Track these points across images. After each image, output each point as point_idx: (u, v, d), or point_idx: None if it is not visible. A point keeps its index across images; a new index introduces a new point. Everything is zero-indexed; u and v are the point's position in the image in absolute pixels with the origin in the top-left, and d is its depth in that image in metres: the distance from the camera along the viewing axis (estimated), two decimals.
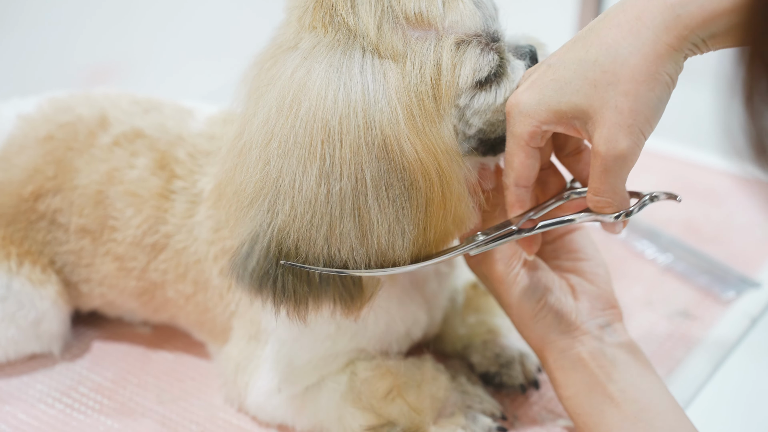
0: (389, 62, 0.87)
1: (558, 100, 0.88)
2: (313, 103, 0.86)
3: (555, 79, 0.88)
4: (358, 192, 0.86)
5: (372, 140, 0.85)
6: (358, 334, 1.05)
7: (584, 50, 0.87)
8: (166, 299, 1.14)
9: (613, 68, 0.85)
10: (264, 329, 1.07)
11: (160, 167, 1.11)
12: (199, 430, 1.09)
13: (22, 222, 1.13)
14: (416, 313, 1.07)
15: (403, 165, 0.86)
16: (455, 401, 1.04)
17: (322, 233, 0.87)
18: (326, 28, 0.88)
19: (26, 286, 1.13)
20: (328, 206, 0.86)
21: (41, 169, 1.13)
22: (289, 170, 0.86)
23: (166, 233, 1.10)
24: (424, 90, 0.87)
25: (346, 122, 0.85)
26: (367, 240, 0.87)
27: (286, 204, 0.87)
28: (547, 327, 0.98)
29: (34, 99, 1.19)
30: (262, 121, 0.88)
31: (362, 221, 0.87)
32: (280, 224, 0.87)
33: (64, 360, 1.21)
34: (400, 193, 0.87)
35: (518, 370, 1.11)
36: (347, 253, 0.88)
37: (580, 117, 0.88)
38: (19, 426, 1.10)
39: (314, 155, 0.85)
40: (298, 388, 1.05)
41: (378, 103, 0.86)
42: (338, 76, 0.86)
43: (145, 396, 1.15)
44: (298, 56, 0.88)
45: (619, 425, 0.93)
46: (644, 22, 0.84)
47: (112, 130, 1.14)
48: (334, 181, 0.85)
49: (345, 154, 0.85)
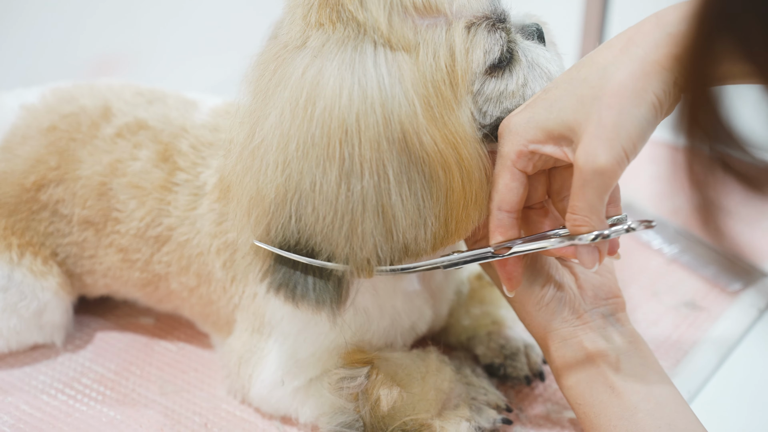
0: (402, 54, 0.86)
1: (546, 117, 0.88)
2: (328, 103, 0.84)
3: (545, 98, 0.88)
4: (380, 189, 0.85)
5: (392, 135, 0.84)
6: (362, 328, 1.04)
7: (576, 71, 0.87)
8: (169, 291, 1.13)
9: (599, 83, 0.84)
10: (267, 322, 1.06)
11: (163, 159, 1.10)
12: (201, 422, 1.09)
13: (24, 212, 1.13)
14: (422, 308, 1.07)
15: (423, 158, 0.85)
16: (460, 393, 1.03)
17: (343, 233, 0.86)
18: (334, 24, 0.87)
19: (28, 277, 1.13)
20: (349, 206, 0.85)
21: (44, 159, 1.12)
22: (309, 172, 0.85)
23: (169, 225, 1.10)
24: (440, 78, 0.87)
25: (363, 119, 0.84)
26: (391, 236, 0.87)
27: (308, 207, 0.86)
28: (549, 314, 0.98)
29: (38, 89, 1.19)
30: (276, 122, 0.87)
31: (386, 218, 0.86)
32: (302, 227, 0.87)
33: (66, 351, 1.20)
34: (421, 186, 0.86)
35: (523, 362, 1.10)
36: (370, 251, 0.87)
37: (566, 135, 0.87)
38: (22, 417, 1.10)
39: (333, 156, 0.84)
40: (301, 381, 1.04)
41: (395, 97, 0.85)
42: (351, 72, 0.85)
43: (148, 387, 1.14)
44: (308, 55, 0.87)
45: (619, 414, 0.93)
46: (635, 41, 0.84)
47: (116, 121, 1.13)
48: (355, 180, 0.84)
49: (365, 151, 0.84)
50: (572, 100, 0.86)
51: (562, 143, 0.87)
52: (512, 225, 0.92)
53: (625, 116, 0.82)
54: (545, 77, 0.93)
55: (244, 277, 1.07)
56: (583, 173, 0.84)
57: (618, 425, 0.93)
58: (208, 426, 1.08)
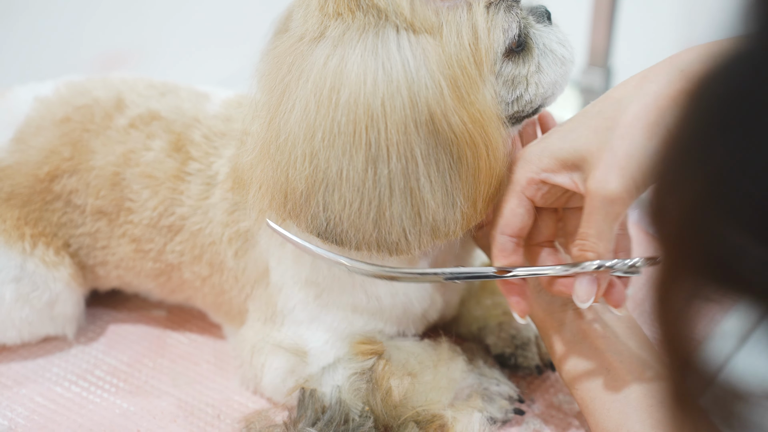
0: (425, 36, 0.86)
1: (560, 147, 0.89)
2: (353, 89, 0.85)
3: (560, 130, 0.91)
4: (408, 172, 0.85)
5: (419, 117, 0.85)
6: (375, 315, 1.04)
7: (591, 106, 0.90)
8: (182, 281, 1.14)
9: (614, 115, 0.86)
10: (280, 311, 1.06)
11: (175, 149, 1.11)
12: (214, 413, 1.09)
13: (38, 203, 1.13)
14: (433, 296, 1.07)
15: (450, 138, 0.86)
16: (472, 383, 1.03)
17: (371, 218, 0.86)
18: (353, 13, 0.87)
19: (40, 267, 1.13)
20: (377, 190, 0.86)
21: (57, 150, 1.13)
22: (336, 160, 0.86)
23: (181, 215, 1.10)
24: (465, 57, 0.87)
25: (390, 102, 0.84)
26: (420, 219, 0.87)
27: (335, 194, 0.86)
28: (550, 297, 0.98)
29: (52, 83, 1.20)
30: (301, 116, 0.87)
31: (414, 200, 0.86)
32: (330, 216, 0.87)
33: (79, 343, 1.21)
34: (448, 167, 0.87)
35: (534, 352, 1.10)
36: (398, 235, 0.87)
37: (578, 164, 0.88)
38: (36, 409, 1.11)
39: (359, 142, 0.85)
40: (314, 369, 1.04)
41: (421, 79, 0.85)
42: (375, 57, 0.85)
43: (161, 379, 1.15)
44: (328, 45, 0.87)
45: (613, 397, 0.94)
46: (649, 78, 0.87)
47: (129, 112, 1.14)
48: (382, 165, 0.85)
49: (392, 135, 0.85)
50: (586, 130, 0.88)
51: (574, 173, 0.89)
52: (514, 250, 0.93)
53: (637, 147, 0.84)
54: (558, 62, 0.94)
55: (256, 267, 1.07)
56: (594, 200, 0.86)
57: (612, 407, 0.93)
58: (220, 417, 1.08)
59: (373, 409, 1.00)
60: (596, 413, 0.95)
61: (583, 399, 0.97)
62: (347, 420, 1.00)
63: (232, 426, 1.07)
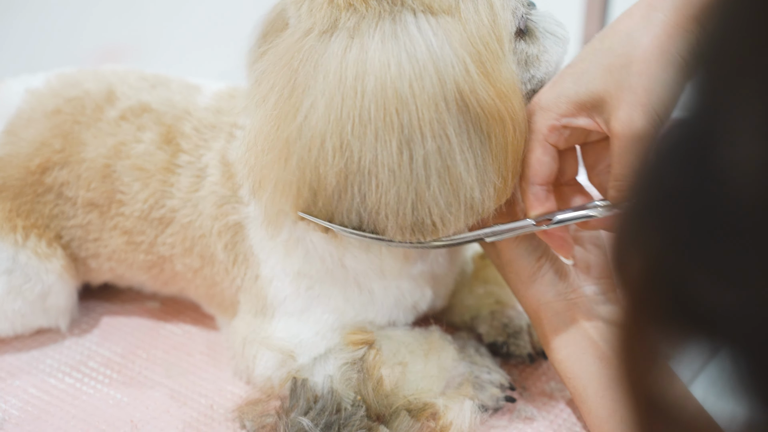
0: (444, 16, 0.87)
1: (576, 91, 0.89)
2: (378, 75, 0.85)
3: (572, 72, 0.90)
4: (443, 151, 0.85)
5: (448, 95, 0.85)
6: (366, 306, 1.04)
7: (599, 41, 0.89)
8: (174, 273, 1.14)
9: (626, 51, 0.86)
10: (270, 303, 1.07)
11: (166, 141, 1.11)
12: (207, 403, 1.09)
13: (29, 195, 1.13)
14: (424, 288, 1.07)
15: (479, 114, 0.86)
16: (463, 372, 1.04)
17: (409, 202, 0.86)
18: (366, 2, 0.87)
19: (32, 259, 1.13)
20: (414, 173, 0.86)
21: (48, 142, 1.13)
22: (369, 149, 0.85)
23: (172, 207, 1.10)
24: (486, 33, 0.87)
25: (418, 83, 0.84)
26: (457, 198, 0.87)
27: (372, 183, 0.86)
28: (545, 287, 0.98)
29: (43, 75, 1.20)
30: (325, 111, 0.87)
31: (453, 179, 0.86)
32: (370, 205, 0.87)
33: (73, 335, 1.21)
34: (479, 143, 0.87)
35: (526, 340, 1.10)
36: (437, 216, 0.87)
37: (598, 105, 0.88)
38: (30, 400, 1.11)
39: (391, 126, 0.85)
40: (305, 360, 1.05)
41: (446, 57, 0.85)
42: (396, 42, 0.85)
43: (154, 370, 1.15)
44: (343, 37, 0.87)
45: (606, 385, 0.94)
46: (655, 6, 0.85)
47: (119, 104, 1.14)
48: (416, 147, 0.85)
49: (423, 115, 0.84)
50: (600, 70, 0.87)
51: (594, 114, 0.89)
52: (547, 197, 0.93)
53: (656, 81, 0.84)
54: (560, 42, 0.95)
55: (246, 260, 1.07)
56: (623, 140, 0.85)
57: (605, 395, 0.93)
58: (213, 407, 1.09)
59: (364, 398, 1.01)
60: (589, 401, 0.96)
61: (576, 387, 0.97)
62: (339, 409, 1.00)
63: (225, 416, 1.07)
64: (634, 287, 0.53)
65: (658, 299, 0.51)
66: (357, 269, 1.02)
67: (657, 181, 0.51)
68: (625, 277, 0.54)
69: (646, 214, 0.51)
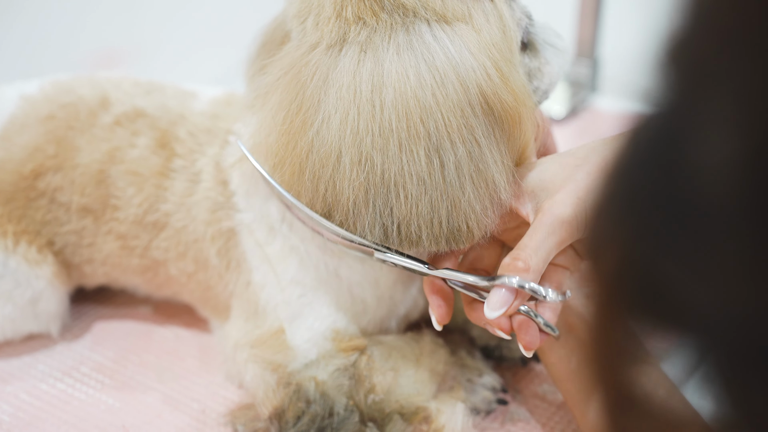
0: (459, 24, 0.87)
1: (528, 177, 0.91)
2: (397, 86, 0.84)
3: (533, 166, 0.92)
4: (473, 155, 0.85)
5: (473, 99, 0.85)
6: (358, 316, 1.05)
7: (569, 149, 0.93)
8: (169, 276, 1.14)
9: (585, 155, 0.89)
10: (262, 309, 1.07)
11: (160, 146, 1.11)
12: (200, 408, 1.09)
13: (21, 200, 1.13)
14: (416, 298, 1.08)
15: (502, 116, 0.86)
16: (455, 375, 1.04)
17: (444, 210, 0.86)
18: (377, 15, 0.87)
19: (22, 265, 1.13)
20: (446, 180, 0.85)
21: (42, 147, 1.13)
22: (394, 160, 0.85)
23: (166, 212, 1.10)
24: (499, 40, 0.88)
25: (441, 91, 0.84)
26: (492, 201, 0.87)
27: (401, 194, 0.86)
28: None
29: (37, 82, 1.20)
30: (340, 126, 0.86)
31: (487, 183, 0.86)
32: (399, 217, 0.87)
33: (65, 340, 1.21)
34: (505, 144, 0.87)
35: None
36: (473, 222, 0.87)
37: (538, 194, 0.90)
38: (21, 406, 1.11)
39: (416, 135, 0.84)
40: (296, 366, 1.05)
41: (466, 62, 0.85)
42: (412, 52, 0.85)
43: (146, 375, 1.15)
44: (355, 50, 0.87)
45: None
46: None
47: (114, 109, 1.14)
48: (446, 154, 0.85)
49: (450, 121, 0.84)
50: (557, 166, 0.90)
51: (531, 201, 0.90)
52: (449, 256, 0.94)
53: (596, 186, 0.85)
54: (559, 54, 0.97)
55: (238, 266, 1.08)
56: (544, 216, 0.87)
57: (595, 396, 0.94)
58: (206, 412, 1.09)
59: (357, 404, 1.01)
60: (581, 404, 0.96)
61: (568, 391, 0.98)
62: (332, 413, 1.00)
63: (217, 420, 1.07)
64: (606, 280, 0.54)
65: (631, 292, 0.52)
66: (352, 279, 1.03)
67: (629, 174, 0.52)
68: (598, 270, 0.55)
69: (619, 207, 0.52)
